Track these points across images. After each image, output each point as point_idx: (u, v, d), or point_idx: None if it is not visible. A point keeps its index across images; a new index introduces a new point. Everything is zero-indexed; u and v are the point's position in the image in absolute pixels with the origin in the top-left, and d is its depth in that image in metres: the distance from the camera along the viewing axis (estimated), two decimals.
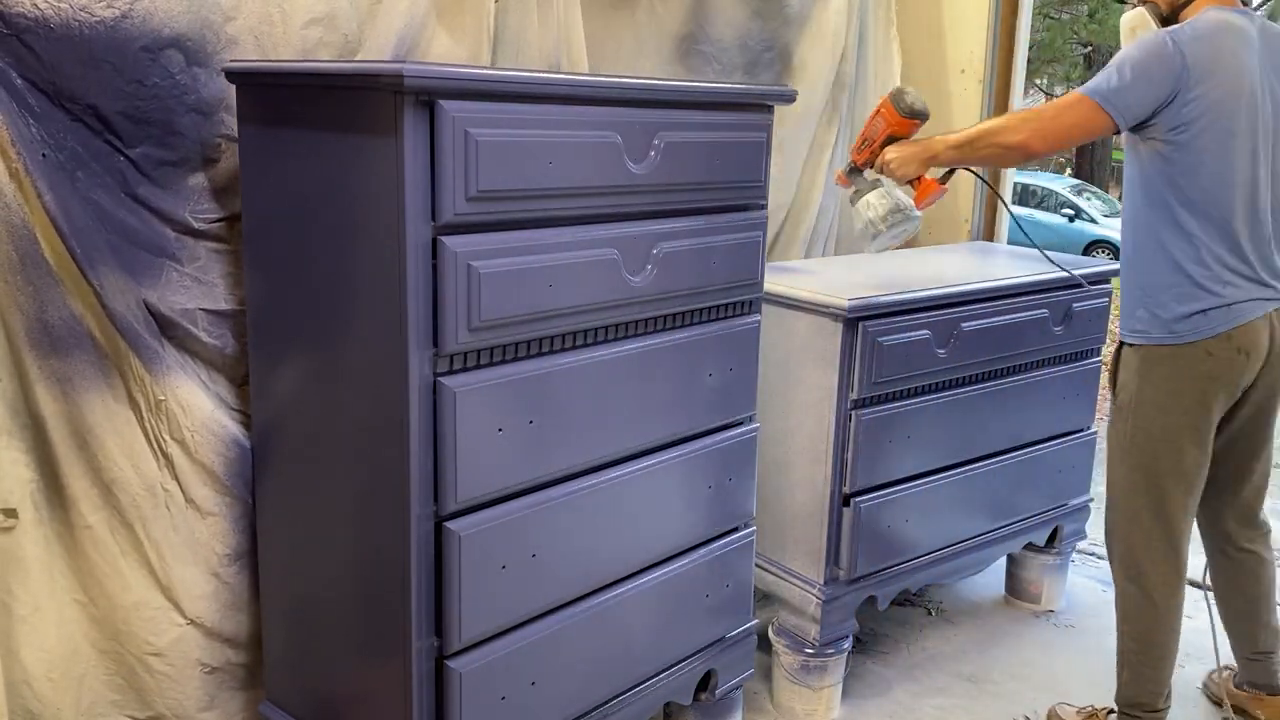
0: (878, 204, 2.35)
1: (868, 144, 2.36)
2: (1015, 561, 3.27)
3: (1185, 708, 2.68)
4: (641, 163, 1.87)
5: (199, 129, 1.91)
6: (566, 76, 2.23)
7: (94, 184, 1.81)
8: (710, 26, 2.81)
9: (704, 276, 2.04)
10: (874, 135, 2.32)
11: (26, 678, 1.86)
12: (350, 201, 1.67)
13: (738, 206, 2.12)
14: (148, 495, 1.92)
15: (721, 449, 2.19)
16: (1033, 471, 2.93)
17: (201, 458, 1.95)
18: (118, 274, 1.83)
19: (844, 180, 2.45)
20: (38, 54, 1.70)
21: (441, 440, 1.67)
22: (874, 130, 2.32)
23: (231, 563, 2.04)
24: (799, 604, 2.59)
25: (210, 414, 1.95)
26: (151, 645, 1.96)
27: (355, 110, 1.62)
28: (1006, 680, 2.88)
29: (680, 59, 2.78)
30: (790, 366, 2.54)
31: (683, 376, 2.06)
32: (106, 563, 1.91)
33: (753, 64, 2.94)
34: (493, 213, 1.66)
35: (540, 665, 1.89)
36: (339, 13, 2.07)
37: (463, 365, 1.69)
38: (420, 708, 1.75)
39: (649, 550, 2.09)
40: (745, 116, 2.08)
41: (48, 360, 1.80)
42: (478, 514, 1.74)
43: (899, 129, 2.31)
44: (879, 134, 2.31)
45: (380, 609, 1.77)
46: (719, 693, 2.34)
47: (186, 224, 1.93)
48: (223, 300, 1.99)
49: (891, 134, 2.30)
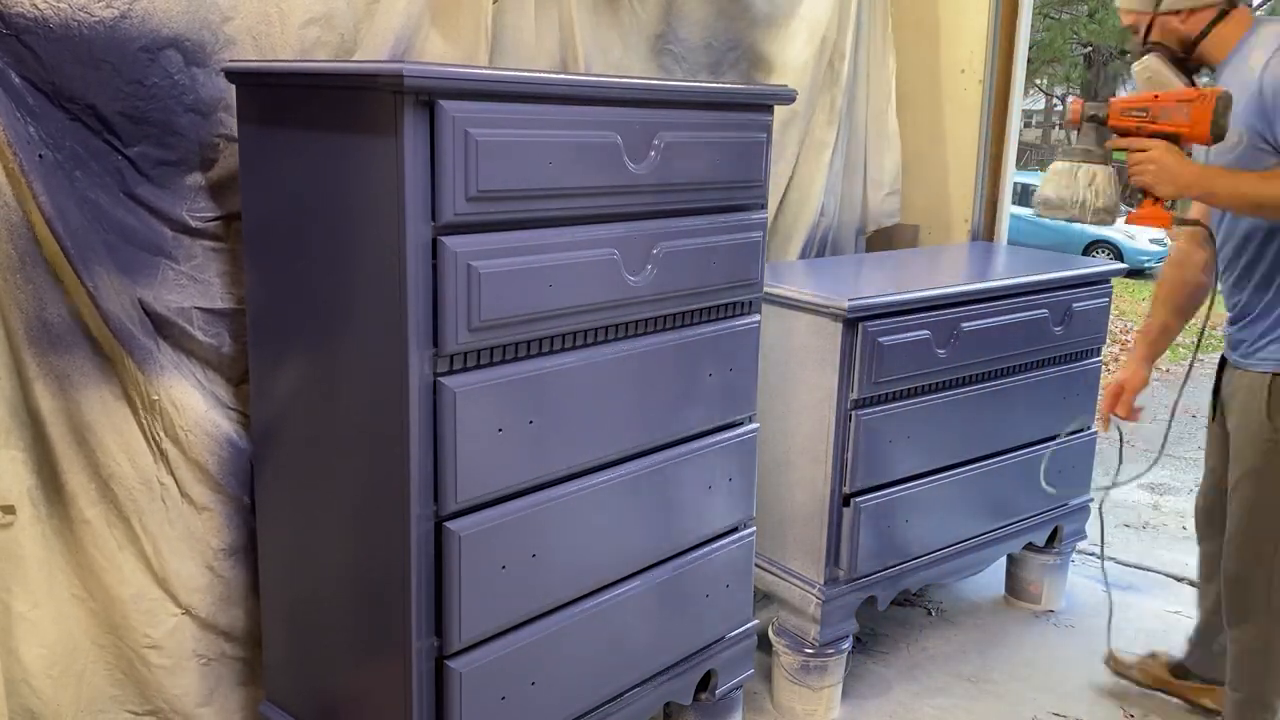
0: (1105, 189, 2.00)
1: (1143, 114, 1.96)
2: (1015, 561, 3.27)
3: None
4: (641, 163, 1.87)
5: (198, 129, 1.91)
6: (566, 76, 2.23)
7: (92, 183, 1.81)
8: (680, 26, 2.80)
9: (704, 276, 2.04)
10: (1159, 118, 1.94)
11: (26, 675, 1.86)
12: (350, 201, 1.67)
13: (738, 206, 2.12)
14: (144, 489, 1.93)
15: (721, 449, 2.19)
16: (1032, 471, 2.93)
17: (196, 456, 1.95)
18: (113, 273, 1.83)
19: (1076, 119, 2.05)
20: (37, 54, 1.70)
21: (441, 440, 1.67)
22: (1166, 113, 1.93)
23: (226, 557, 2.04)
24: (799, 604, 2.59)
25: (204, 414, 1.95)
26: (149, 638, 1.97)
27: (355, 110, 1.62)
28: (1006, 680, 2.88)
29: (653, 58, 2.78)
30: (790, 366, 2.54)
31: (683, 376, 2.06)
32: (104, 556, 1.92)
33: (717, 64, 2.93)
34: (492, 213, 1.66)
35: (540, 665, 1.89)
36: (336, 13, 2.07)
37: (463, 365, 1.69)
38: (420, 708, 1.75)
39: (649, 550, 2.09)
40: (745, 116, 2.08)
41: (46, 357, 1.80)
42: (478, 514, 1.74)
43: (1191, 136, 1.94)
44: (1167, 122, 1.93)
45: (380, 609, 1.77)
46: (719, 693, 2.34)
47: (184, 223, 1.93)
48: (219, 299, 1.99)
49: (1177, 133, 1.94)
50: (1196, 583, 2.60)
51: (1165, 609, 3.31)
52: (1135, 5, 2.07)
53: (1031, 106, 21.27)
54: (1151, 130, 1.97)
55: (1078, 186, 2.04)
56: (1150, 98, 1.97)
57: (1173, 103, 1.94)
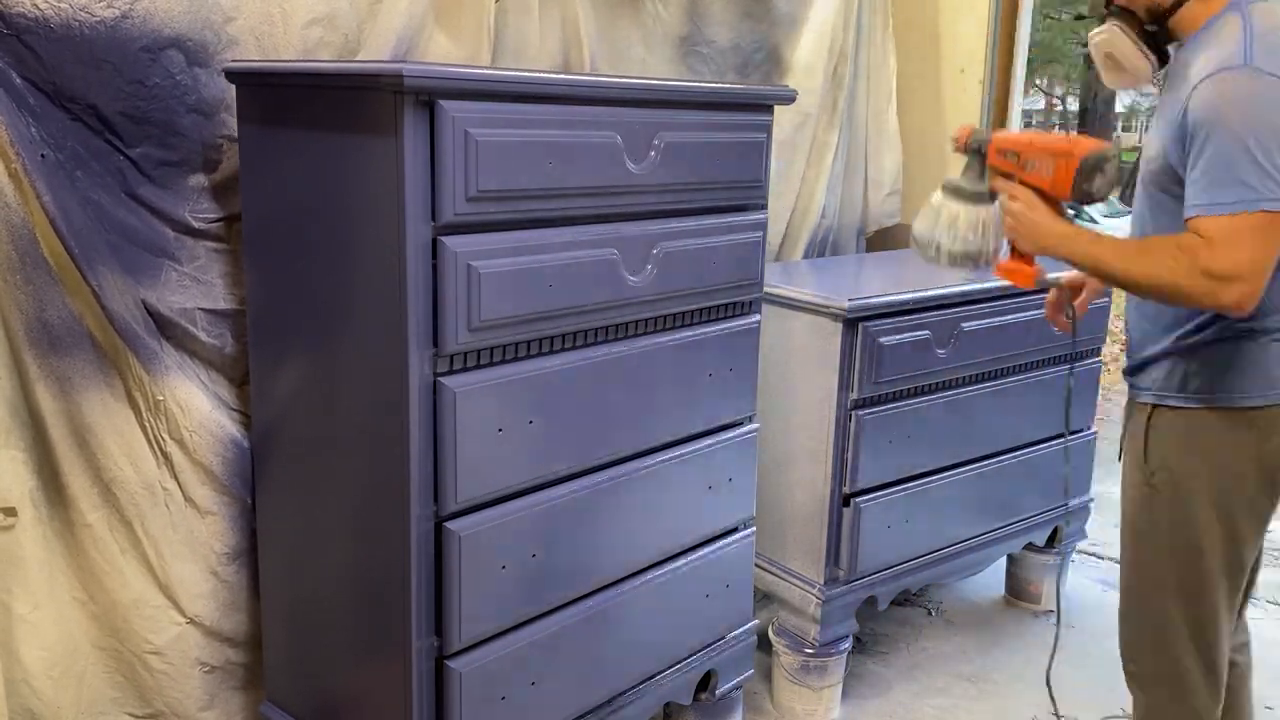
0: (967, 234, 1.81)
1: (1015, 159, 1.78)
2: (1015, 561, 3.27)
3: None
4: (641, 163, 1.87)
5: (200, 129, 1.91)
6: (566, 76, 2.23)
7: (94, 183, 1.81)
8: (706, 28, 2.81)
9: (704, 276, 2.04)
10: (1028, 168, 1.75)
11: (26, 676, 1.86)
12: (350, 202, 1.67)
13: (738, 206, 2.12)
14: (146, 494, 1.92)
15: (721, 449, 2.19)
16: (1033, 471, 2.93)
17: (200, 458, 1.95)
18: (116, 274, 1.83)
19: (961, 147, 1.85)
20: (38, 54, 1.70)
21: (442, 440, 1.67)
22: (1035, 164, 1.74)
23: (230, 561, 2.04)
24: (799, 604, 2.59)
25: (208, 414, 1.95)
26: (151, 644, 1.96)
27: (355, 110, 1.62)
28: (1006, 680, 2.88)
29: (681, 59, 2.79)
30: (790, 366, 2.54)
31: (683, 376, 2.06)
32: (106, 560, 1.91)
33: (744, 64, 2.95)
34: (493, 213, 1.66)
35: (540, 665, 1.89)
36: (339, 13, 2.07)
37: (463, 365, 1.69)
38: (420, 708, 1.75)
39: (649, 550, 2.09)
40: (745, 117, 2.08)
41: (47, 359, 1.80)
42: (478, 514, 1.74)
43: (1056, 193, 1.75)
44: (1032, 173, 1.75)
45: (380, 609, 1.77)
46: (719, 693, 2.34)
47: (186, 223, 1.93)
48: (221, 300, 1.99)
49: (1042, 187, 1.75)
50: None
51: None
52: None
53: (1031, 106, 21.29)
54: (1021, 179, 1.78)
55: (941, 229, 1.84)
56: (1025, 142, 1.78)
57: (1042, 153, 1.75)
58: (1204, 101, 1.61)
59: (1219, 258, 1.59)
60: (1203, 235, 1.61)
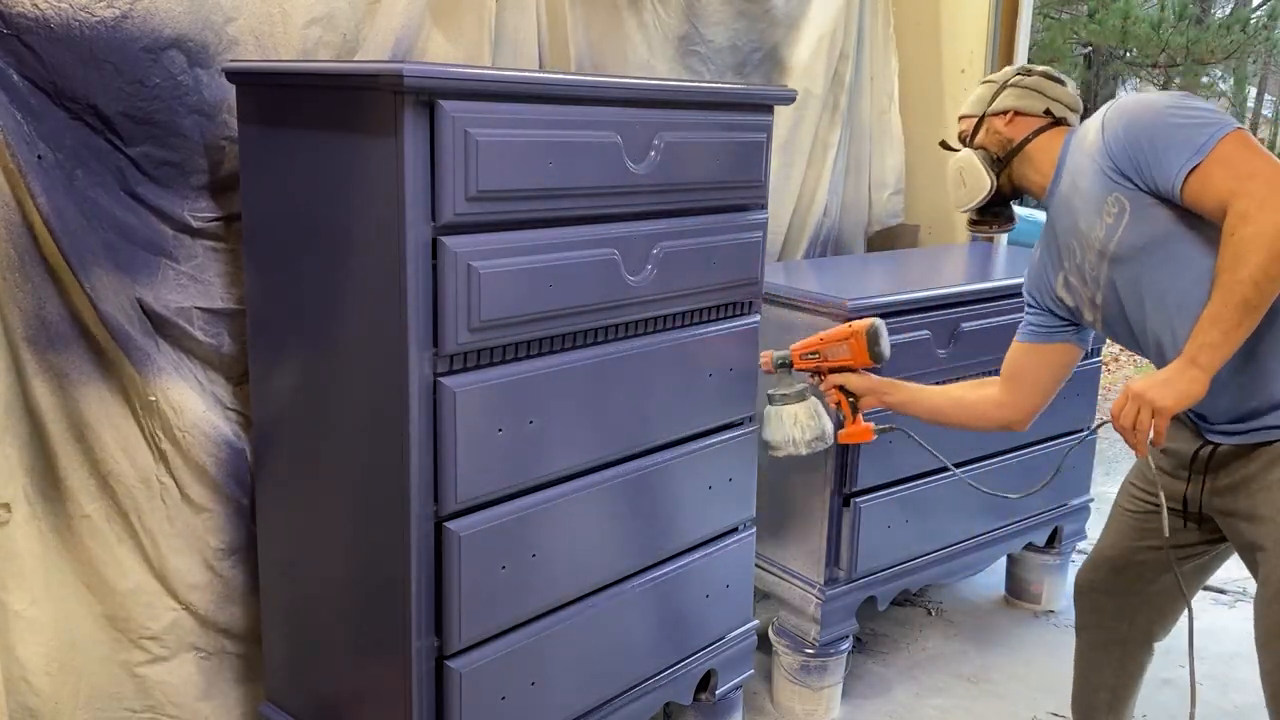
0: (806, 424, 2.15)
1: (816, 357, 2.15)
2: (1015, 561, 3.27)
3: None
4: (641, 163, 1.87)
5: (202, 130, 1.91)
6: (566, 76, 2.23)
7: (92, 182, 1.81)
8: (703, 27, 2.82)
9: (704, 276, 2.04)
10: (829, 356, 2.13)
11: (24, 673, 1.86)
12: (350, 201, 1.67)
13: (738, 206, 2.12)
14: (143, 487, 1.93)
15: (721, 449, 2.19)
16: (1033, 471, 2.92)
17: (194, 457, 1.96)
18: (112, 273, 1.83)
19: (769, 368, 2.21)
20: (38, 53, 1.70)
21: (441, 440, 1.67)
22: (832, 352, 2.12)
23: (226, 557, 2.05)
24: (799, 604, 2.59)
25: (202, 415, 1.95)
26: (148, 629, 1.98)
27: (355, 110, 1.62)
28: (1006, 680, 2.88)
29: (679, 59, 2.79)
30: None
31: (682, 376, 2.06)
32: (103, 550, 1.92)
33: (742, 65, 2.95)
34: (493, 213, 1.66)
35: (540, 665, 1.89)
36: (338, 13, 2.07)
37: (463, 365, 1.69)
38: (420, 708, 1.75)
39: (649, 550, 2.09)
40: (745, 117, 2.08)
41: (44, 355, 1.80)
42: (478, 514, 1.74)
43: (858, 364, 2.12)
44: (835, 358, 2.12)
45: (380, 609, 1.77)
46: (719, 693, 2.34)
47: (185, 223, 1.93)
48: (219, 299, 1.99)
49: (846, 365, 2.12)
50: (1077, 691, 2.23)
51: None
52: (968, 109, 2.02)
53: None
54: (829, 367, 2.14)
55: (784, 427, 2.16)
56: (817, 340, 2.15)
57: (834, 342, 2.13)
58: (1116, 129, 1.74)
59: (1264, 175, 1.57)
60: (1225, 167, 1.60)
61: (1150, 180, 1.70)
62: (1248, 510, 1.78)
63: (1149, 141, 1.69)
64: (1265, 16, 13.81)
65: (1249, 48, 13.18)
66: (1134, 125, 1.72)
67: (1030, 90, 1.94)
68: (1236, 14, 13.89)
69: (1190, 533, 1.93)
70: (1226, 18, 13.73)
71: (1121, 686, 2.15)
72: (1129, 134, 1.72)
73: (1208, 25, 13.28)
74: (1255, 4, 15.26)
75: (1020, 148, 1.93)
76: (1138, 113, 1.73)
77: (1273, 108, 20.14)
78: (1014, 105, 1.94)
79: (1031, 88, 1.94)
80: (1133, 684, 2.15)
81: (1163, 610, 2.06)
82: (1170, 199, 1.69)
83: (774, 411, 2.18)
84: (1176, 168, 1.65)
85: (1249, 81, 17.23)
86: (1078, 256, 1.86)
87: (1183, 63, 13.10)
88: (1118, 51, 13.98)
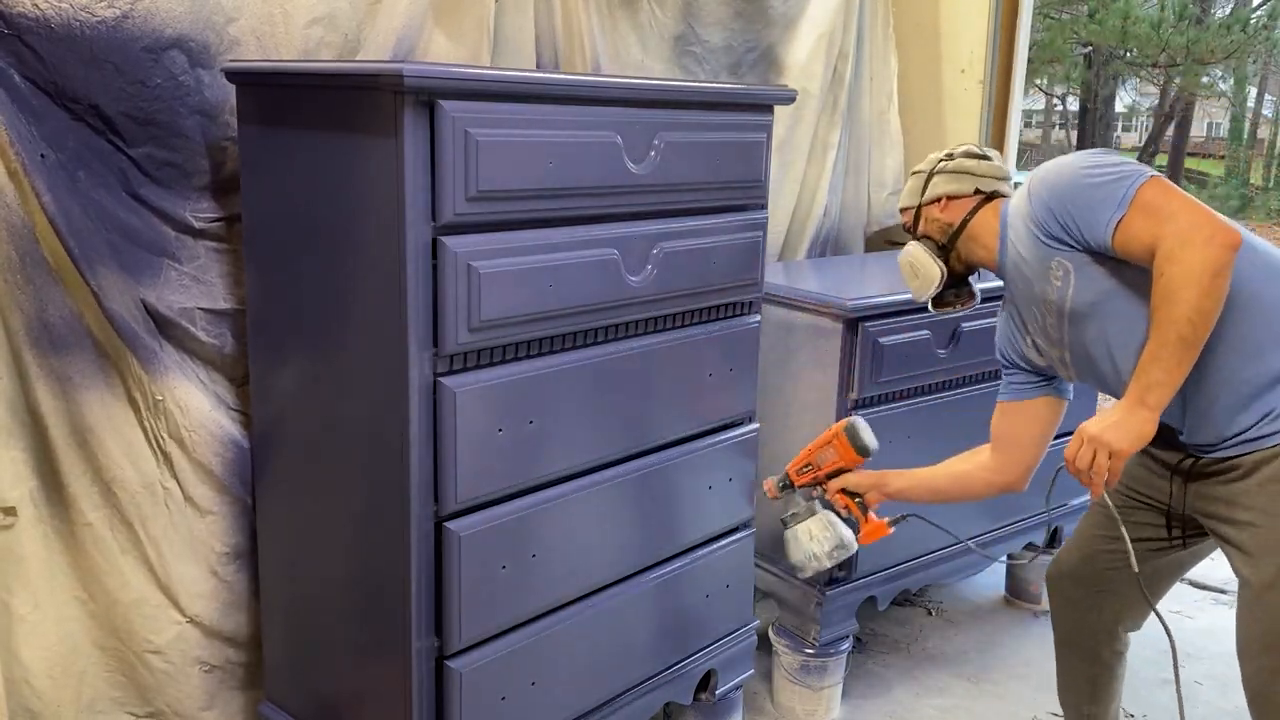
0: (822, 536, 2.13)
1: (811, 469, 2.18)
2: (1015, 561, 3.27)
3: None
4: (641, 163, 1.87)
5: (204, 131, 1.91)
6: (566, 76, 2.23)
7: (94, 183, 1.81)
8: (699, 27, 2.82)
9: (704, 276, 2.04)
10: (821, 463, 2.16)
11: (26, 675, 1.86)
12: (350, 201, 1.67)
13: (738, 206, 2.12)
14: (146, 493, 1.92)
15: (721, 449, 2.19)
16: None
17: (199, 457, 1.95)
18: (116, 274, 1.83)
19: (774, 494, 2.23)
20: (39, 53, 1.70)
21: (441, 440, 1.67)
22: (822, 458, 2.15)
23: (230, 561, 2.04)
24: (799, 604, 2.59)
25: (208, 414, 1.95)
26: (151, 643, 1.96)
27: (355, 110, 1.62)
28: (1006, 680, 2.88)
29: (675, 59, 2.79)
30: (790, 366, 2.54)
31: (683, 376, 2.06)
32: (106, 560, 1.91)
33: (737, 65, 2.95)
34: (493, 213, 1.67)
35: (540, 665, 1.89)
36: (339, 13, 2.07)
37: (463, 365, 1.69)
38: (420, 708, 1.75)
39: (649, 550, 2.09)
40: (745, 117, 2.08)
41: (47, 359, 1.80)
42: (478, 514, 1.74)
43: (850, 463, 2.15)
44: (827, 464, 2.15)
45: (380, 609, 1.77)
46: (719, 693, 2.34)
47: (187, 223, 1.93)
48: (221, 299, 1.99)
49: (840, 467, 2.15)
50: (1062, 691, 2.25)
51: (1166, 608, 3.30)
52: (903, 202, 2.08)
53: (1031, 106, 21.28)
54: (825, 473, 2.16)
55: (804, 546, 2.15)
56: (807, 453, 2.18)
57: (820, 448, 2.16)
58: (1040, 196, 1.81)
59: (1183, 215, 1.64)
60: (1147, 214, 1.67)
61: (1082, 239, 1.76)
62: (1228, 514, 1.81)
63: (1072, 203, 1.76)
64: (1265, 16, 13.80)
65: (1249, 48, 13.19)
66: (1054, 190, 1.79)
67: (956, 173, 1.99)
68: (1236, 14, 13.89)
69: (1173, 529, 1.96)
70: (1226, 18, 13.73)
71: (1099, 676, 2.17)
72: (1052, 199, 1.79)
73: (1208, 25, 13.28)
74: (1255, 4, 15.25)
75: (961, 229, 1.97)
76: (1055, 179, 1.80)
77: (1273, 108, 20.11)
78: (944, 191, 1.99)
79: (957, 170, 1.99)
80: (1109, 673, 2.17)
81: (1129, 601, 2.06)
82: (1107, 253, 1.75)
83: (789, 534, 2.18)
84: (1103, 223, 1.71)
85: (1249, 81, 17.22)
86: (1039, 320, 1.91)
87: (1183, 63, 13.10)
88: (1118, 51, 13.98)
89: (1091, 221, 1.73)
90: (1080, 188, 1.76)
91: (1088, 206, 1.74)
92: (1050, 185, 1.80)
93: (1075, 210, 1.75)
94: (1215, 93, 16.21)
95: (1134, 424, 1.68)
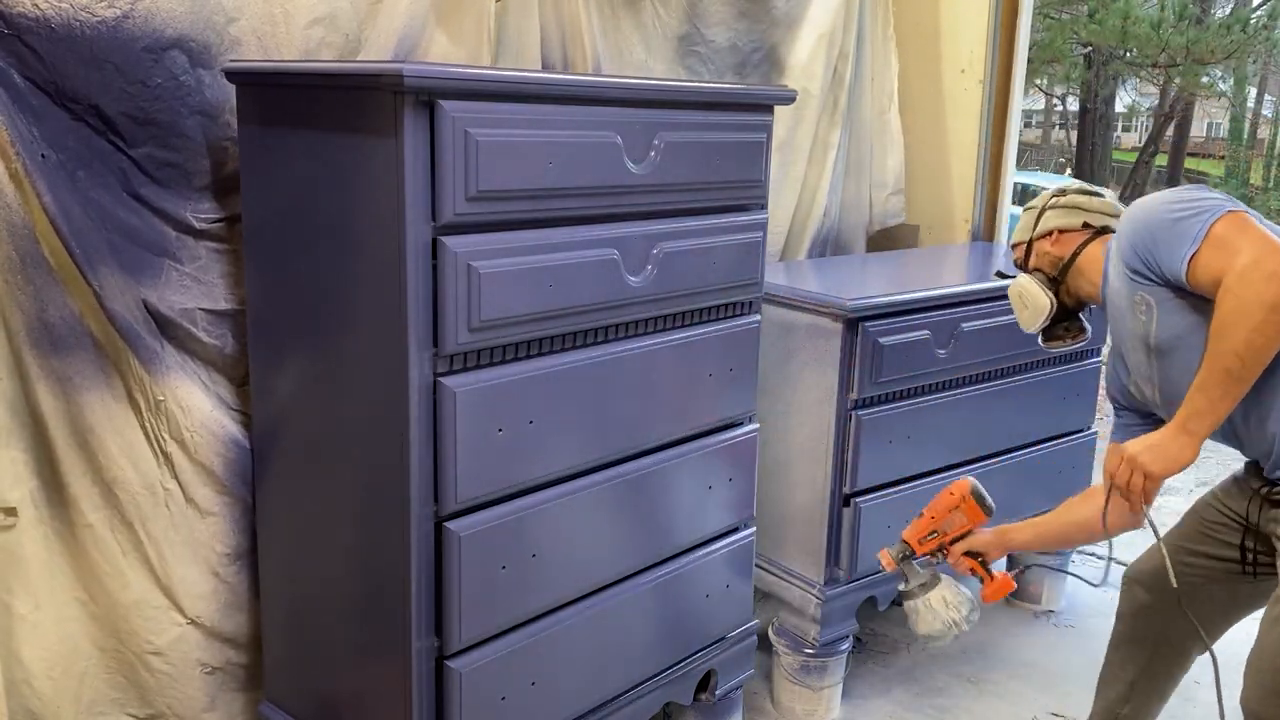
0: (956, 602, 2.13)
1: (936, 535, 2.13)
2: (1015, 562, 3.27)
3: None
4: (641, 163, 1.87)
5: (205, 131, 1.91)
6: (566, 76, 2.23)
7: (95, 183, 1.81)
8: (704, 27, 2.82)
9: (704, 276, 2.04)
10: (948, 529, 2.12)
11: (27, 676, 1.86)
12: (350, 201, 1.67)
13: (738, 206, 2.12)
14: (147, 494, 1.92)
15: (721, 449, 2.19)
16: (1033, 471, 2.93)
17: (201, 458, 1.95)
18: (117, 274, 1.83)
19: (893, 566, 2.18)
20: (39, 54, 1.70)
21: (441, 440, 1.67)
22: (949, 524, 2.11)
23: (231, 562, 2.04)
24: (799, 604, 2.59)
25: (209, 414, 1.95)
26: (152, 644, 1.96)
27: (355, 110, 1.62)
28: (1006, 680, 2.88)
29: (679, 60, 2.79)
30: (790, 366, 2.54)
31: (683, 377, 2.06)
32: (107, 561, 1.91)
33: (742, 65, 2.95)
34: (493, 213, 1.67)
35: (540, 665, 1.89)
36: (340, 13, 2.07)
37: (463, 365, 1.69)
38: (420, 708, 1.76)
39: (649, 550, 2.09)
40: (745, 117, 2.08)
41: (48, 359, 1.80)
42: (478, 514, 1.74)
43: (976, 524, 2.12)
44: (955, 528, 2.11)
45: (380, 609, 1.78)
46: (719, 693, 2.34)
47: (187, 224, 1.93)
48: (222, 300, 1.99)
49: (966, 531, 2.12)
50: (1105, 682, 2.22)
51: None
52: (1016, 237, 2.13)
53: (1031, 106, 21.29)
54: (951, 538, 2.13)
55: (940, 614, 2.16)
56: (929, 520, 2.14)
57: (946, 514, 2.13)
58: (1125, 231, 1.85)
59: (1249, 250, 1.66)
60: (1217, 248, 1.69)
61: (1161, 274, 1.79)
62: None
63: (1152, 239, 1.79)
64: (1265, 16, 13.80)
65: (1249, 48, 13.19)
66: (1138, 225, 1.83)
67: (1067, 208, 2.05)
68: (1236, 14, 13.89)
69: (1246, 551, 1.96)
70: (1226, 18, 13.73)
71: (1142, 686, 2.15)
72: (1136, 235, 1.83)
73: (1208, 25, 13.28)
74: (1255, 4, 15.25)
75: (1071, 263, 2.02)
76: (1141, 214, 1.84)
77: (1273, 108, 20.10)
78: (1056, 225, 2.04)
79: (1068, 205, 2.05)
80: (1155, 686, 2.15)
81: (1201, 624, 1.99)
82: (1185, 289, 1.77)
83: (918, 605, 2.17)
84: (1179, 258, 1.74)
85: (1249, 81, 17.22)
86: (1133, 357, 1.93)
87: (1183, 63, 13.10)
88: (1118, 51, 13.98)
89: (1169, 257, 1.76)
90: (1161, 223, 1.78)
91: (1166, 242, 1.76)
92: (1135, 220, 1.84)
93: (1155, 245, 1.78)
94: (1215, 93, 16.21)
95: (1173, 449, 1.72)
